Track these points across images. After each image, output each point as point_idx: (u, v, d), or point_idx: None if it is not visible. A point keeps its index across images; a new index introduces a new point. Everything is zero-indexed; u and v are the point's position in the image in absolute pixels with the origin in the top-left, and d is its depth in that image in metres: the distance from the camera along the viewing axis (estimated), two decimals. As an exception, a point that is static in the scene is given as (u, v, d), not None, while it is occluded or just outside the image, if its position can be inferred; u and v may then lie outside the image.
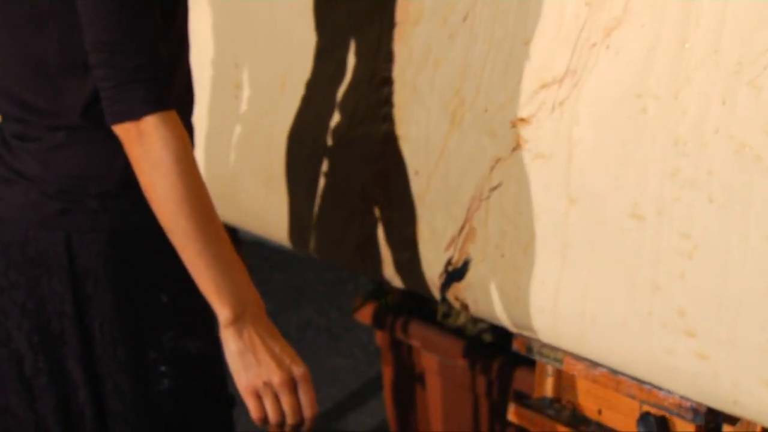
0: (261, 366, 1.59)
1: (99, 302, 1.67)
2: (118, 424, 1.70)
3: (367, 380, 3.56)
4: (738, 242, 1.44)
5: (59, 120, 1.65)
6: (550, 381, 1.78)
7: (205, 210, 1.58)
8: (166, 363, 1.70)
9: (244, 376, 1.59)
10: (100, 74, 1.56)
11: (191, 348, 1.71)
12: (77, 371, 1.68)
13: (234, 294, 1.58)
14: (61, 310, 1.67)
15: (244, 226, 2.24)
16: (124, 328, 1.68)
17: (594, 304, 1.61)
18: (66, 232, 1.66)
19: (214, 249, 1.58)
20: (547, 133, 1.66)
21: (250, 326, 1.59)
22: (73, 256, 1.66)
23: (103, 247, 1.66)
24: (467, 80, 1.78)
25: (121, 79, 1.55)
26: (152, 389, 1.70)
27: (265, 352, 1.59)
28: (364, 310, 2.81)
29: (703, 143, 1.48)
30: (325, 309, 4.02)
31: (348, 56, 1.98)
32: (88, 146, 1.65)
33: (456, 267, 1.79)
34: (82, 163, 1.66)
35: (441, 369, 2.66)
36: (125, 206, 1.66)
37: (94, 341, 1.68)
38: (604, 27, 1.59)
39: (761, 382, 1.43)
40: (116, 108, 1.56)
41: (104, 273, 1.66)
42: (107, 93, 1.56)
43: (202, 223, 1.57)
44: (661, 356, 1.53)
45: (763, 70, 1.42)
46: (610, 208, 1.58)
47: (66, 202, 1.66)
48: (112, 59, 1.55)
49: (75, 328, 1.67)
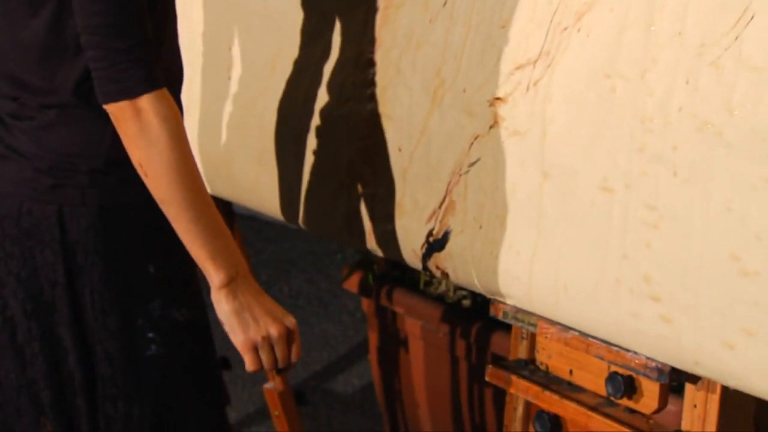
0: (258, 322, 1.60)
1: (89, 273, 1.67)
2: (108, 387, 1.70)
3: (354, 344, 3.57)
4: (700, 213, 1.44)
5: (51, 99, 1.64)
6: (524, 344, 1.78)
7: (197, 182, 1.59)
8: (153, 330, 1.69)
9: (242, 334, 1.60)
10: (92, 55, 1.55)
11: (177, 316, 1.71)
12: (67, 338, 1.68)
13: (226, 258, 1.59)
14: (53, 279, 1.67)
15: (238, 201, 2.23)
16: (113, 297, 1.68)
17: (566, 272, 1.61)
18: (58, 206, 1.65)
19: (206, 217, 1.58)
20: (523, 111, 1.66)
21: (242, 287, 1.60)
22: (65, 229, 1.65)
23: (92, 220, 1.65)
24: (447, 62, 1.77)
25: (115, 59, 1.53)
26: (140, 355, 1.70)
27: (260, 309, 1.60)
28: (352, 279, 2.82)
29: (668, 121, 1.48)
30: (314, 278, 4.01)
31: (335, 38, 1.97)
32: (78, 125, 1.65)
33: (437, 238, 1.79)
34: (72, 141, 1.65)
35: (423, 334, 2.66)
36: (114, 183, 1.66)
37: (85, 309, 1.68)
38: (576, 11, 1.58)
39: (721, 343, 1.43)
40: (111, 87, 1.54)
41: (94, 245, 1.66)
42: (101, 73, 1.55)
43: (195, 193, 1.57)
44: (628, 320, 1.54)
45: (724, 51, 1.42)
46: (582, 182, 1.58)
47: (57, 177, 1.65)
48: (105, 41, 1.53)
49: (66, 297, 1.67)
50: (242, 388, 3.20)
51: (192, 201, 1.57)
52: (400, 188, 1.86)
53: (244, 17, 2.14)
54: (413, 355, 2.72)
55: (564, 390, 1.72)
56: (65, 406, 1.70)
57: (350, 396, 3.29)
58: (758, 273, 1.39)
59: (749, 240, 1.40)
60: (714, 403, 1.56)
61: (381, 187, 1.90)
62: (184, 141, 1.57)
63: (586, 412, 1.68)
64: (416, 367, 2.72)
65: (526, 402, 1.79)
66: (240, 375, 3.11)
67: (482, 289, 1.76)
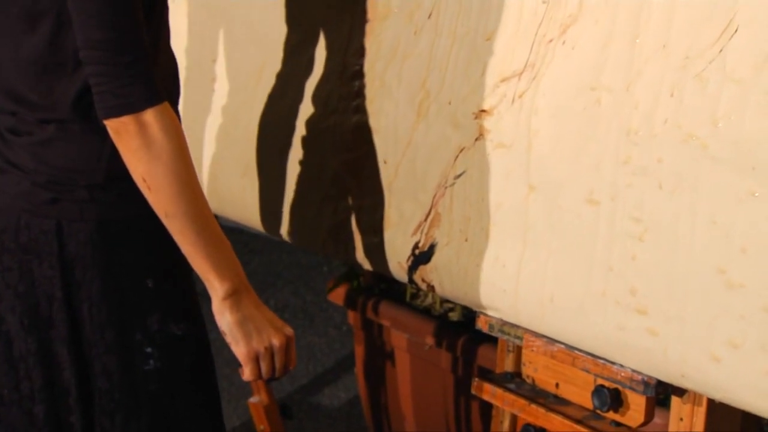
0: (261, 333, 1.62)
1: (87, 287, 1.67)
2: (105, 402, 1.70)
3: (340, 357, 3.57)
4: (685, 226, 1.45)
5: (49, 114, 1.64)
6: (511, 357, 1.79)
7: (200, 194, 1.60)
8: (151, 344, 1.70)
9: (245, 344, 1.61)
10: (93, 71, 1.55)
11: (176, 330, 1.71)
12: (63, 353, 1.68)
13: (229, 269, 1.61)
14: (50, 294, 1.67)
15: (222, 213, 2.23)
16: (112, 311, 1.68)
17: (552, 284, 1.62)
18: (56, 221, 1.65)
19: (209, 229, 1.60)
20: (508, 123, 1.66)
21: (245, 298, 1.62)
22: (63, 243, 1.65)
23: (91, 235, 1.65)
24: (432, 74, 1.78)
25: (116, 74, 1.54)
26: (138, 369, 1.70)
27: (261, 320, 1.62)
28: (337, 292, 2.81)
29: (654, 133, 1.48)
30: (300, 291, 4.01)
31: (320, 50, 1.97)
32: (77, 140, 1.65)
33: (422, 250, 1.80)
34: (71, 156, 1.65)
35: (409, 346, 2.66)
36: (112, 197, 1.66)
37: (83, 324, 1.68)
38: (561, 23, 1.59)
39: (707, 356, 1.44)
40: (113, 102, 1.54)
41: (92, 260, 1.66)
42: (102, 88, 1.55)
43: (199, 206, 1.58)
44: (614, 333, 1.54)
45: (708, 64, 1.43)
46: (568, 194, 1.59)
47: (56, 192, 1.65)
48: (106, 56, 1.54)
49: (63, 311, 1.67)
50: (227, 402, 3.19)
51: (196, 213, 1.58)
52: (386, 200, 1.86)
53: (228, 29, 2.14)
54: (399, 368, 2.72)
55: (550, 403, 1.72)
56: (59, 422, 1.70)
57: (336, 409, 3.29)
58: (743, 285, 1.40)
59: (734, 252, 1.40)
60: (700, 416, 1.56)
61: (366, 199, 1.90)
62: (187, 153, 1.58)
63: (572, 425, 1.68)
64: (402, 380, 2.72)
65: (512, 415, 1.80)
66: (225, 389, 3.10)
67: (468, 302, 1.76)
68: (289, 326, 1.66)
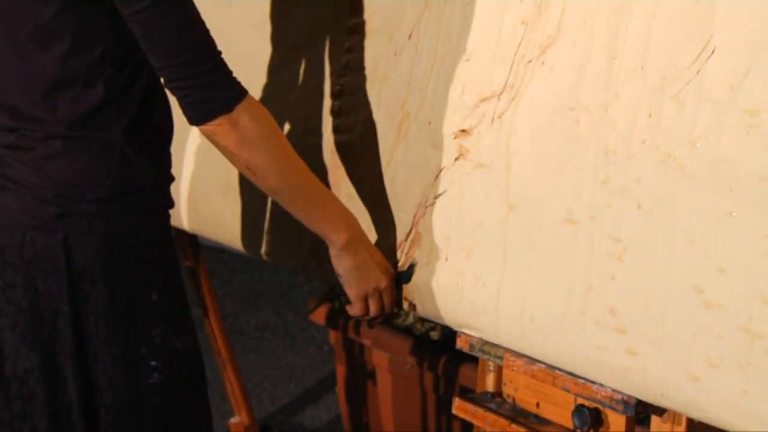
0: (371, 276, 1.75)
1: (95, 301, 1.68)
2: (110, 415, 1.71)
3: (321, 377, 3.56)
4: (664, 245, 1.46)
5: (55, 130, 1.66)
6: (491, 377, 1.79)
7: (300, 165, 1.71)
8: (155, 358, 1.72)
9: (356, 286, 1.76)
10: (178, 85, 1.61)
11: (176, 343, 1.74)
12: (68, 367, 1.69)
13: (343, 220, 1.73)
14: (55, 309, 1.68)
15: (203, 234, 2.23)
16: (118, 325, 1.69)
17: (532, 304, 1.62)
18: (64, 235, 1.66)
19: (316, 192, 1.72)
20: (488, 143, 1.67)
21: (359, 244, 1.74)
22: (71, 257, 1.67)
23: (99, 249, 1.67)
24: (413, 94, 1.79)
25: (201, 84, 1.60)
26: (143, 383, 1.72)
27: (373, 264, 1.75)
28: (319, 312, 2.82)
29: (632, 153, 1.50)
30: (282, 310, 4.01)
31: (301, 70, 1.98)
32: (84, 155, 1.67)
33: (402, 270, 1.80)
34: (79, 170, 1.67)
35: (391, 366, 2.67)
36: (120, 210, 1.69)
37: (89, 338, 1.69)
38: (539, 44, 1.60)
39: (686, 375, 1.44)
40: (205, 109, 1.62)
41: (100, 273, 1.67)
42: (191, 99, 1.61)
43: (302, 175, 1.70)
44: (594, 352, 1.55)
45: (685, 84, 1.44)
46: (547, 214, 1.60)
47: (63, 206, 1.67)
48: (188, 71, 1.60)
49: (69, 325, 1.68)
50: (208, 422, 3.18)
51: (301, 184, 1.70)
52: (366, 220, 1.86)
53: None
54: (381, 387, 2.72)
55: (531, 423, 1.73)
56: None
57: (318, 429, 3.29)
58: (721, 305, 1.41)
59: (712, 272, 1.41)
60: (680, 434, 1.57)
61: (347, 219, 1.90)
62: (278, 133, 1.69)
63: (553, 444, 1.69)
64: (384, 400, 2.72)
65: (493, 435, 1.80)
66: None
67: (449, 322, 1.76)
68: (391, 267, 1.78)
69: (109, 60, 1.64)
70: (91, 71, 1.64)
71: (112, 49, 1.64)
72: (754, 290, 1.38)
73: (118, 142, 1.67)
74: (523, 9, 1.62)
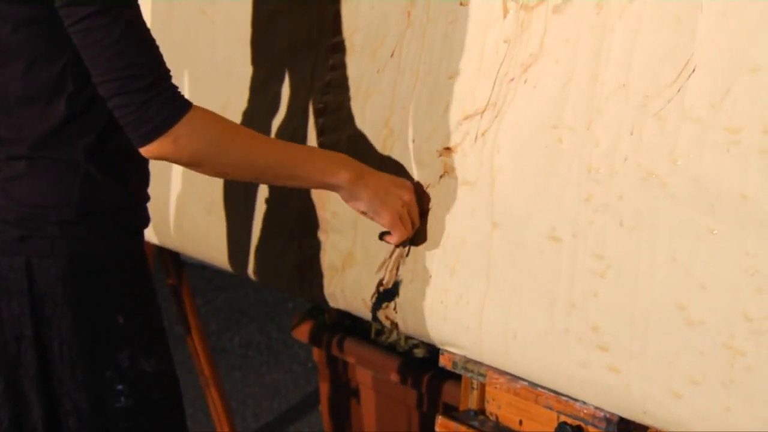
0: (390, 195, 1.71)
1: (58, 325, 1.65)
2: None
3: (305, 394, 3.56)
4: (646, 263, 1.47)
5: (18, 150, 1.64)
6: (475, 394, 1.79)
7: (262, 141, 1.68)
8: (122, 381, 1.69)
9: (386, 211, 1.71)
10: (116, 103, 1.55)
11: (146, 366, 1.71)
12: (32, 392, 1.67)
13: (334, 163, 1.69)
14: (18, 332, 1.66)
15: (186, 251, 2.23)
16: (82, 349, 1.67)
17: (516, 321, 1.63)
18: (26, 258, 1.64)
19: (294, 154, 1.69)
20: (472, 161, 1.68)
21: (363, 175, 1.70)
22: (33, 280, 1.64)
23: (61, 271, 1.64)
24: (395, 112, 1.79)
25: (137, 102, 1.54)
26: (110, 407, 1.69)
27: (386, 187, 1.72)
28: (302, 329, 2.81)
29: (614, 171, 1.50)
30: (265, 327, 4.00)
31: (284, 88, 1.99)
32: (47, 176, 1.64)
33: (387, 287, 1.80)
34: (41, 192, 1.64)
35: (374, 383, 2.66)
36: (83, 232, 1.65)
37: (53, 362, 1.66)
38: (522, 62, 1.61)
39: (668, 393, 1.45)
40: (144, 129, 1.56)
41: (63, 296, 1.65)
42: (127, 119, 1.56)
43: (272, 149, 1.67)
44: (576, 370, 1.55)
45: (667, 103, 1.45)
46: (530, 231, 1.60)
47: (26, 229, 1.64)
48: (123, 85, 1.54)
49: (32, 350, 1.66)
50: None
51: (276, 159, 1.66)
52: (351, 237, 1.87)
53: (192, 67, 2.15)
54: (364, 405, 2.72)
55: (514, 440, 1.73)
56: None
57: (301, 447, 3.28)
58: (703, 322, 1.41)
59: (694, 289, 1.42)
60: (662, 452, 1.57)
61: (331, 236, 1.91)
62: (229, 128, 1.63)
63: (536, 462, 1.69)
64: (368, 417, 2.72)
65: (476, 453, 1.80)
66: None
67: (432, 339, 1.77)
68: (407, 180, 1.74)
69: (72, 76, 1.61)
70: (53, 87, 1.61)
71: (74, 64, 1.60)
72: (735, 307, 1.39)
73: (81, 162, 1.64)
74: (506, 27, 1.63)
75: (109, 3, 1.52)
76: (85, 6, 1.52)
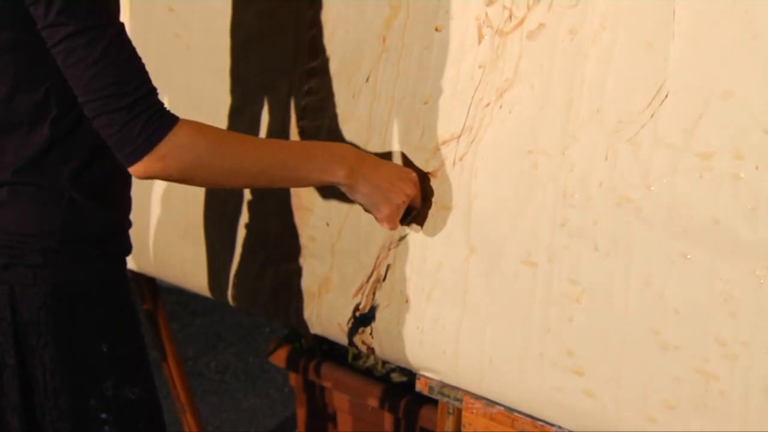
0: (393, 190, 1.68)
1: (41, 353, 1.64)
2: None
3: (282, 420, 3.55)
4: (621, 287, 1.48)
5: (1, 176, 1.63)
6: (451, 419, 1.79)
7: (255, 144, 1.64)
8: (106, 410, 1.68)
9: (385, 207, 1.68)
10: (99, 123, 1.53)
11: (130, 394, 1.70)
12: (14, 422, 1.66)
13: (332, 160, 1.65)
14: (2, 361, 1.65)
15: (162, 277, 2.23)
16: (66, 377, 1.65)
17: (491, 346, 1.64)
18: (9, 286, 1.63)
19: (291, 154, 1.64)
20: (450, 186, 1.69)
21: (363, 169, 1.67)
22: (16, 308, 1.63)
23: (45, 299, 1.63)
24: (373, 137, 1.80)
25: (119, 121, 1.52)
26: None
27: (388, 181, 1.68)
28: (279, 354, 2.81)
29: (589, 196, 1.52)
30: (242, 352, 3.99)
31: (261, 113, 1.99)
32: (30, 203, 1.63)
33: (363, 312, 1.81)
34: (24, 219, 1.63)
35: (352, 408, 2.66)
36: (66, 260, 1.64)
37: (36, 391, 1.66)
38: (497, 88, 1.63)
39: (644, 417, 1.46)
40: (129, 148, 1.53)
41: (46, 324, 1.64)
42: (113, 139, 1.53)
43: (266, 152, 1.63)
44: (552, 394, 1.56)
45: (640, 128, 1.47)
46: (506, 256, 1.61)
47: (9, 257, 1.63)
48: (106, 104, 1.52)
49: (15, 379, 1.65)
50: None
51: (271, 162, 1.62)
52: (328, 263, 1.87)
53: (168, 94, 2.16)
54: (342, 429, 2.71)
55: (490, 465, 1.73)
56: None
57: (279, 473, 3.27)
58: (677, 347, 1.43)
59: (668, 314, 1.44)
60: (638, 476, 1.58)
61: (308, 260, 1.91)
62: (219, 140, 1.59)
63: (512, 487, 1.69)
64: (345, 443, 2.71)
65: (453, 478, 1.80)
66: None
67: (408, 364, 1.77)
68: (410, 171, 1.71)
69: (55, 99, 1.60)
70: (36, 112, 1.61)
71: (58, 88, 1.59)
72: (709, 332, 1.40)
73: (65, 188, 1.63)
74: (480, 53, 1.65)
75: (90, 22, 1.50)
76: (66, 26, 1.51)
